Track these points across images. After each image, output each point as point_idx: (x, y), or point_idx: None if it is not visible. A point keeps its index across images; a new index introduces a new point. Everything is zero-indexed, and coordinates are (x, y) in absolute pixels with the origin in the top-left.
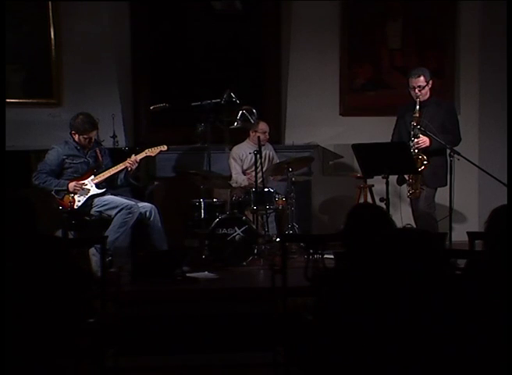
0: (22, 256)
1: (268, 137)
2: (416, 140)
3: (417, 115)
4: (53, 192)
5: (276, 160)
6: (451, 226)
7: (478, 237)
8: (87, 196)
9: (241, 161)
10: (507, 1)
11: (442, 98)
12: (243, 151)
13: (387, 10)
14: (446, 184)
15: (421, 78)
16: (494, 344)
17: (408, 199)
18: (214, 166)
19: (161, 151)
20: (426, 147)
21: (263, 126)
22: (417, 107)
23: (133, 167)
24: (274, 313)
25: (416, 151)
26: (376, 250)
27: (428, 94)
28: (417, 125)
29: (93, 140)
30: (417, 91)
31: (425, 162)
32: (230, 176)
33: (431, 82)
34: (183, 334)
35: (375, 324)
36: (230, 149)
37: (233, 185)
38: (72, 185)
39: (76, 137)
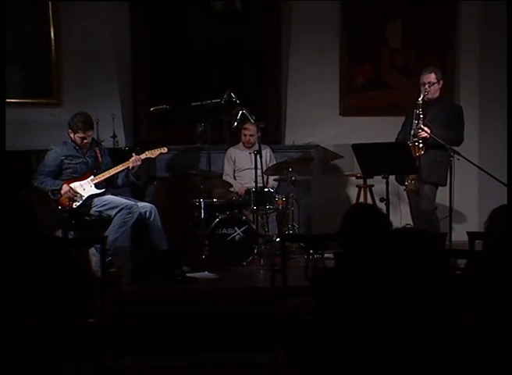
0: (22, 256)
1: (255, 140)
2: (418, 129)
3: (420, 102)
4: (49, 193)
5: (273, 162)
6: (451, 226)
7: (478, 237)
8: (84, 197)
9: (233, 162)
10: (507, 1)
11: (451, 100)
12: (236, 153)
13: (387, 10)
14: (445, 184)
15: (432, 75)
16: (494, 344)
17: (408, 199)
18: (214, 166)
19: (161, 153)
20: (425, 137)
21: (250, 127)
22: (422, 96)
23: (136, 164)
24: (274, 313)
25: (415, 139)
26: (376, 250)
27: (437, 93)
28: (420, 113)
29: (88, 140)
30: (426, 86)
31: (421, 146)
32: (221, 175)
33: (441, 82)
34: (183, 334)
35: (375, 324)
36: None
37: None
38: (65, 189)
39: (72, 136)
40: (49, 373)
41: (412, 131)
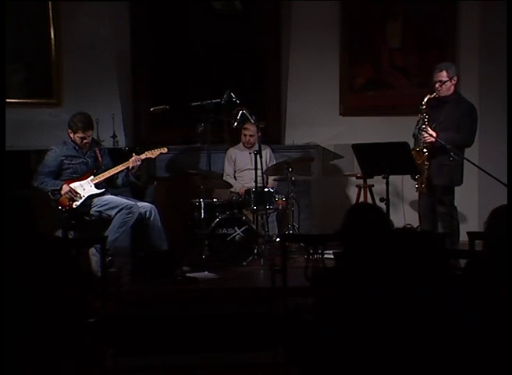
0: (22, 256)
1: (255, 140)
2: (424, 133)
3: (424, 107)
4: (49, 193)
5: (273, 162)
6: None
7: (478, 237)
8: (84, 197)
9: (233, 162)
10: (507, 1)
11: (464, 98)
12: (236, 153)
13: (387, 10)
14: (458, 184)
15: (443, 73)
16: (494, 344)
17: (408, 199)
18: (214, 166)
19: (161, 153)
20: (431, 142)
21: (250, 127)
22: (425, 99)
23: (136, 164)
24: (274, 313)
25: (422, 144)
26: (376, 250)
27: (450, 91)
28: (424, 118)
29: (88, 140)
30: (437, 85)
31: (425, 153)
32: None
33: (455, 78)
34: (183, 334)
35: (375, 324)
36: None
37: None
38: (65, 189)
39: (72, 135)
40: (49, 372)
41: (419, 135)
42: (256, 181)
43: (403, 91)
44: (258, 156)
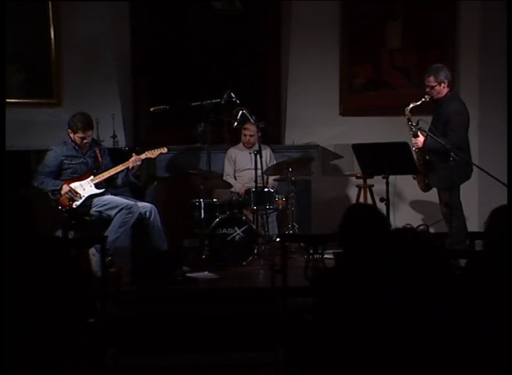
0: (22, 256)
1: (255, 140)
2: (414, 139)
3: (409, 113)
4: (49, 193)
5: (273, 162)
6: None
7: (478, 237)
8: (84, 197)
9: (233, 162)
10: (507, 1)
11: (457, 99)
12: (236, 153)
13: (387, 10)
14: (454, 185)
15: (431, 78)
16: (494, 344)
17: (408, 199)
18: (214, 166)
19: (161, 153)
20: (418, 148)
21: (250, 127)
22: (409, 107)
23: (136, 164)
24: (274, 313)
25: (414, 149)
26: (376, 250)
27: (442, 93)
28: (411, 124)
29: (88, 140)
30: (427, 89)
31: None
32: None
33: (446, 81)
34: (183, 334)
35: (375, 324)
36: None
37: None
38: (65, 189)
39: (72, 136)
40: (49, 372)
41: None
42: (256, 181)
43: (403, 90)
44: (258, 156)
